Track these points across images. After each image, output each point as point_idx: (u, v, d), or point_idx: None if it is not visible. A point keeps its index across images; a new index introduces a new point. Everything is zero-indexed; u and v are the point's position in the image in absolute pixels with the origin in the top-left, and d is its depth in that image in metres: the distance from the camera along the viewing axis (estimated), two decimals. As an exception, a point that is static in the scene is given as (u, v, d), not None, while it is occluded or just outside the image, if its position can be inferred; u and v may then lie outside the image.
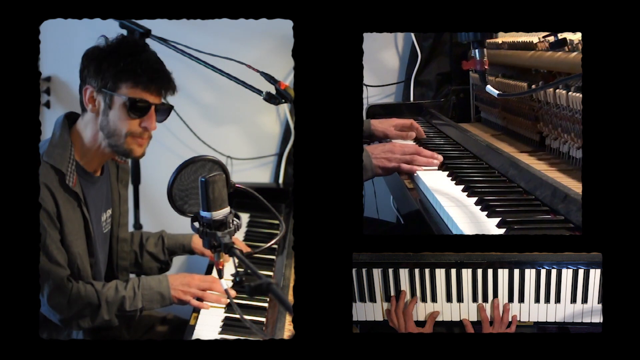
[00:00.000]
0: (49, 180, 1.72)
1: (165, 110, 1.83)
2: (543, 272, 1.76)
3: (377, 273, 1.79)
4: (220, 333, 1.72)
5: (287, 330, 1.67)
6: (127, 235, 2.07)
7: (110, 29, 1.88)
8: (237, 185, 1.42)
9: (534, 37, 1.86)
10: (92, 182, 1.86)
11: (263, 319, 1.78)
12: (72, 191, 1.77)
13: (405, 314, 1.77)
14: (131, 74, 1.72)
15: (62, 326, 1.80)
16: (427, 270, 1.78)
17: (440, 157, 1.90)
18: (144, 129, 1.77)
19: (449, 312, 1.80)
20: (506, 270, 1.77)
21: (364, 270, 1.79)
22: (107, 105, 1.75)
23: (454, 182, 1.73)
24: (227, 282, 1.87)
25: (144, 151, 1.83)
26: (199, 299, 1.85)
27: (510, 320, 1.77)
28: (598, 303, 1.74)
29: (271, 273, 2.06)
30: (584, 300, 1.75)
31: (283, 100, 1.89)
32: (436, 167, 1.88)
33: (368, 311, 1.81)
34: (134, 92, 1.74)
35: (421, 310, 1.80)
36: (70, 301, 1.75)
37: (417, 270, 1.78)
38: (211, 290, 1.86)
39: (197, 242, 2.13)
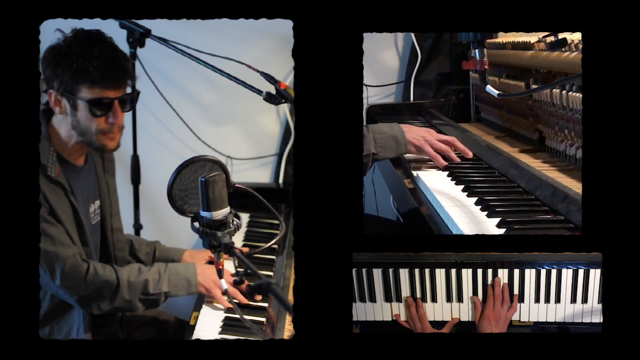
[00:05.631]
0: None
1: (132, 99, 1.84)
2: (543, 272, 1.76)
3: (377, 273, 1.79)
4: (220, 333, 1.72)
5: (287, 330, 1.67)
6: (121, 224, 2.07)
7: (111, 29, 1.88)
8: (237, 185, 1.42)
9: (533, 37, 1.86)
10: (76, 171, 1.87)
11: (263, 319, 1.78)
12: (57, 181, 1.78)
13: (421, 318, 1.77)
14: (86, 74, 1.72)
15: (80, 308, 1.79)
16: (427, 270, 1.78)
17: (471, 153, 1.92)
18: (112, 124, 1.79)
19: (449, 312, 1.80)
20: (506, 270, 1.77)
21: (364, 270, 1.79)
22: (72, 107, 1.77)
23: (454, 182, 1.73)
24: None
25: (118, 143, 1.86)
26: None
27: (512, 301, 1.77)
28: (598, 303, 1.74)
29: (271, 273, 2.05)
30: (584, 300, 1.75)
31: (283, 100, 1.89)
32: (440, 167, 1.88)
33: (368, 311, 1.81)
34: (93, 92, 1.74)
35: (429, 310, 1.80)
36: (87, 280, 1.74)
37: (417, 270, 1.78)
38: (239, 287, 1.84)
39: (186, 259, 2.11)
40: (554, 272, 1.76)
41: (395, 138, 1.87)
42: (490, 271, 1.77)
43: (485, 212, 1.48)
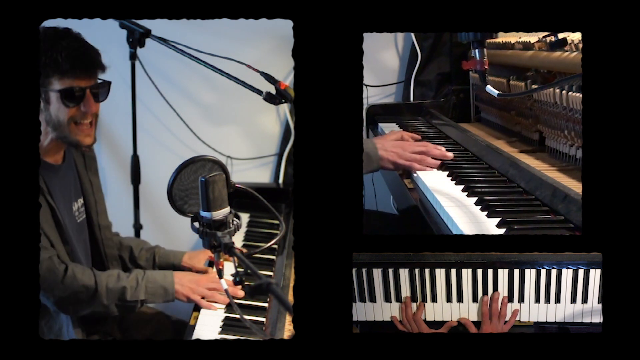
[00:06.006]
0: None
1: (103, 89, 1.84)
2: (543, 272, 1.76)
3: (377, 273, 1.79)
4: (220, 333, 1.72)
5: (287, 330, 1.67)
6: (108, 222, 2.07)
7: (110, 29, 1.88)
8: (237, 185, 1.42)
9: (533, 37, 1.86)
10: (52, 170, 1.86)
11: (263, 319, 1.78)
12: None
13: (416, 321, 1.77)
14: (55, 66, 1.74)
15: (58, 311, 1.79)
16: (427, 270, 1.78)
17: (450, 155, 1.90)
18: (84, 112, 1.79)
19: (449, 312, 1.80)
20: (506, 270, 1.77)
21: (364, 270, 1.79)
22: (45, 101, 1.77)
23: (454, 182, 1.73)
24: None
25: (94, 139, 1.86)
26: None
27: (510, 315, 1.77)
28: (598, 303, 1.74)
29: (271, 273, 2.05)
30: (584, 300, 1.75)
31: (283, 100, 1.89)
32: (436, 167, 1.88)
33: (368, 311, 1.81)
34: (64, 82, 1.75)
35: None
36: (64, 282, 1.74)
37: (417, 270, 1.78)
38: (218, 290, 1.85)
39: (187, 262, 2.10)
40: (554, 272, 1.76)
41: (367, 155, 1.86)
42: (490, 271, 1.77)
43: (485, 212, 1.48)
